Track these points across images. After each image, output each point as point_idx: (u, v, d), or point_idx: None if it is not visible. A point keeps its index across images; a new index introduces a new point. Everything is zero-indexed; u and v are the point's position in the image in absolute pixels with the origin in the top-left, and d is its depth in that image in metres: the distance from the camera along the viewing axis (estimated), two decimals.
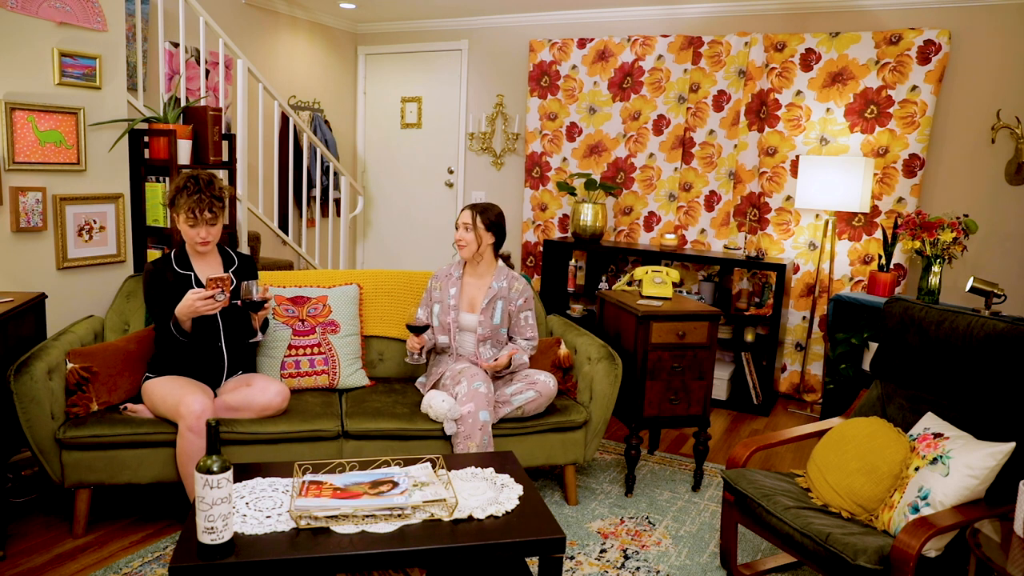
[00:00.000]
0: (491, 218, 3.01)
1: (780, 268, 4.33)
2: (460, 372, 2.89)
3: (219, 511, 1.73)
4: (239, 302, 2.74)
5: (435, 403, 2.78)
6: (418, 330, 2.89)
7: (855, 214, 4.50)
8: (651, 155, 5.07)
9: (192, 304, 2.58)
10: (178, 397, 2.58)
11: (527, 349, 3.07)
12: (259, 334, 2.85)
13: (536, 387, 2.88)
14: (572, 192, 5.05)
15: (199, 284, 2.79)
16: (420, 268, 6.23)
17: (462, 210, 3.05)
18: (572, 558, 2.68)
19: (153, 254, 3.52)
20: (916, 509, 2.12)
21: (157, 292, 2.75)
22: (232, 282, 2.65)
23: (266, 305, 2.72)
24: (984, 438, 2.25)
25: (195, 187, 2.69)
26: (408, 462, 2.29)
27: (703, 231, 5.00)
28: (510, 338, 3.10)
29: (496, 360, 2.93)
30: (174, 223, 2.78)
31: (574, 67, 5.25)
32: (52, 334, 2.86)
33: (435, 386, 3.02)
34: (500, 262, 3.13)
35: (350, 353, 3.17)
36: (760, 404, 4.54)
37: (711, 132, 4.87)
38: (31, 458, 2.99)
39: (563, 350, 3.18)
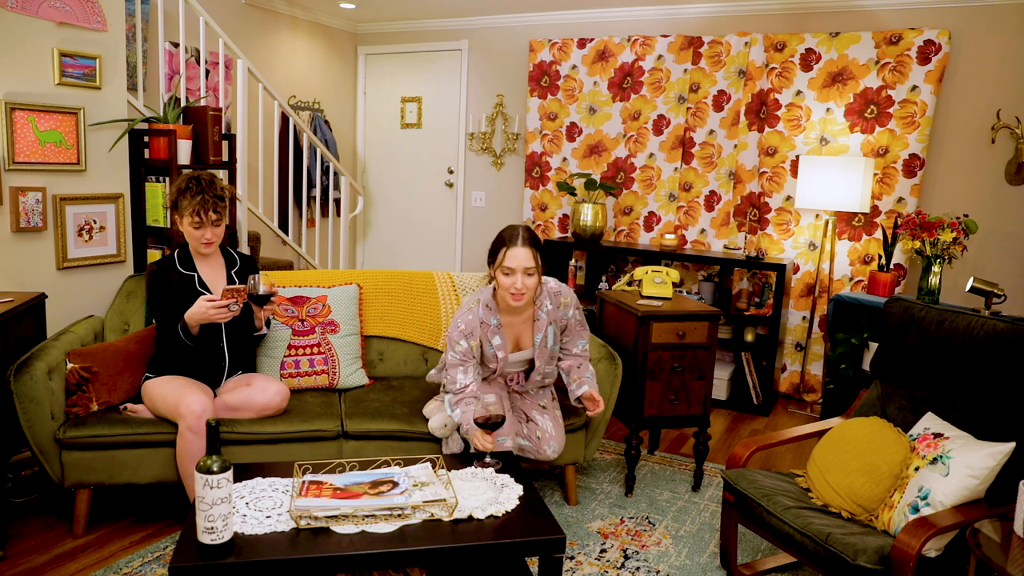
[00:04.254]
0: (542, 247, 2.58)
1: (780, 268, 4.33)
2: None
3: (219, 511, 1.73)
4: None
5: (434, 423, 2.74)
6: (494, 426, 2.31)
7: (855, 214, 4.50)
8: (651, 155, 5.07)
9: (205, 312, 2.57)
10: (178, 397, 2.58)
11: (583, 360, 2.80)
12: (265, 328, 2.85)
13: (532, 444, 2.74)
14: (572, 192, 5.05)
15: (202, 284, 2.79)
16: (420, 268, 6.23)
17: (514, 249, 2.47)
18: (572, 558, 2.68)
19: (153, 254, 3.52)
20: (916, 509, 2.12)
21: (161, 293, 2.74)
22: (245, 291, 2.64)
23: (273, 299, 2.72)
24: (984, 438, 2.25)
25: (197, 188, 2.69)
26: (408, 462, 2.29)
27: (703, 231, 5.00)
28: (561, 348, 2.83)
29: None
30: (176, 225, 2.77)
31: (574, 67, 5.25)
32: (52, 334, 2.86)
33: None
34: None
35: (350, 353, 3.17)
36: (760, 404, 4.54)
37: (711, 132, 4.87)
38: (31, 458, 3.00)
39: None
